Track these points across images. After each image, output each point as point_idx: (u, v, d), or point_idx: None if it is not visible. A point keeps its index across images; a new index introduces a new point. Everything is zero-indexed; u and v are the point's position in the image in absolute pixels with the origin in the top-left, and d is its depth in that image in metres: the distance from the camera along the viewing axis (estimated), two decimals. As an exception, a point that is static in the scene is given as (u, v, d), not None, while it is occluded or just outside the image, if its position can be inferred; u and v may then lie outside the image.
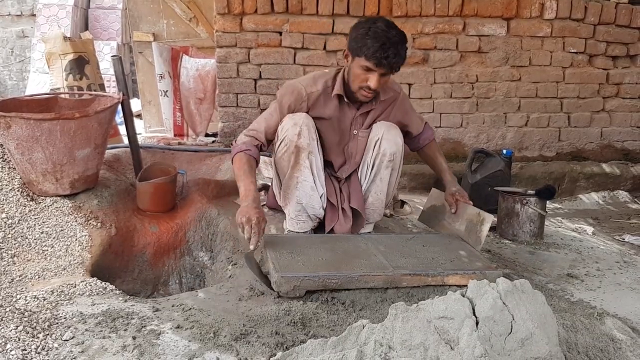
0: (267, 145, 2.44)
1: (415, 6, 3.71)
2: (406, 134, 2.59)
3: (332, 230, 2.44)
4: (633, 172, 3.95)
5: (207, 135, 4.44)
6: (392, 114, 2.52)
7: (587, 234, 2.95)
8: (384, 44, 2.13)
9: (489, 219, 2.31)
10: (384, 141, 2.40)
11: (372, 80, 2.22)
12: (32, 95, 2.85)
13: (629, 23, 3.91)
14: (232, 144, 2.43)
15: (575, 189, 3.88)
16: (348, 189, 2.52)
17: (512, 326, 1.30)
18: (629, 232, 2.98)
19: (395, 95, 2.51)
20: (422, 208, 3.22)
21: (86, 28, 7.06)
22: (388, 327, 1.36)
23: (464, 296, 1.37)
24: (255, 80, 3.78)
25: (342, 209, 2.47)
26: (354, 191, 2.50)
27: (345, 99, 2.39)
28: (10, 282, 2.03)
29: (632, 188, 3.89)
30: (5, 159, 2.64)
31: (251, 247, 2.06)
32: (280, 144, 2.36)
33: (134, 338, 1.63)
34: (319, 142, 2.41)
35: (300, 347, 1.36)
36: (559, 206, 3.55)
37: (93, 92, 3.28)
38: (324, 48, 3.74)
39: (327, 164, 2.52)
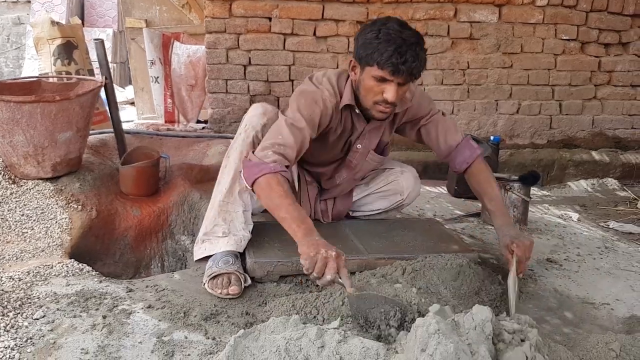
0: (292, 165, 1.99)
1: (406, -8, 3.69)
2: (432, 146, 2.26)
3: None
4: (622, 159, 3.94)
5: (198, 121, 4.44)
6: (397, 123, 2.23)
7: (572, 220, 2.94)
8: (399, 47, 1.78)
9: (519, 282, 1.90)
10: (407, 199, 2.41)
11: (389, 92, 1.86)
12: (15, 79, 2.85)
13: (622, 10, 3.89)
14: (246, 159, 1.94)
15: (564, 176, 3.87)
16: (331, 212, 2.38)
17: None
18: (614, 219, 2.97)
19: (411, 103, 2.16)
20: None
21: (82, 15, 7.04)
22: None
23: None
24: (244, 66, 3.77)
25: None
26: (338, 217, 2.41)
27: (357, 110, 2.07)
28: (-13, 263, 2.04)
29: (621, 176, 3.88)
30: (-12, 142, 2.65)
31: (350, 289, 1.58)
32: (237, 133, 2.11)
33: (104, 317, 1.64)
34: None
35: (262, 324, 1.36)
36: (547, 193, 3.54)
37: (76, 77, 3.28)
38: (314, 34, 3.72)
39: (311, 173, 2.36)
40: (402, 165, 2.47)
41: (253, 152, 1.92)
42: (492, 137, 3.44)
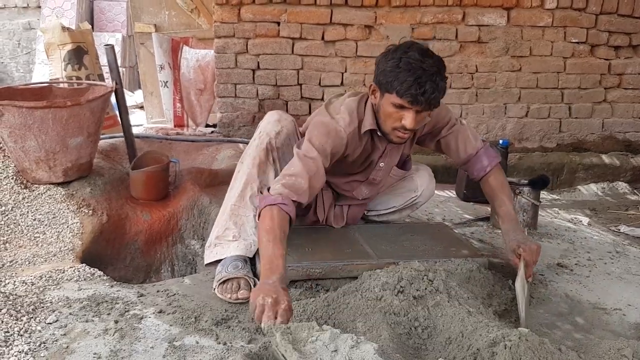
0: (310, 196, 1.92)
1: (415, -5, 3.69)
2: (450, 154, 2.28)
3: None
4: (633, 163, 3.92)
5: (207, 125, 4.45)
6: (419, 132, 2.21)
7: (583, 224, 2.93)
8: (419, 77, 1.79)
9: (526, 290, 1.87)
10: (421, 197, 2.43)
11: (408, 120, 1.87)
12: (26, 84, 2.87)
13: (632, 12, 3.87)
14: (260, 193, 1.96)
15: (574, 180, 3.85)
16: (346, 217, 2.38)
17: None
18: (625, 223, 2.96)
19: (430, 118, 2.13)
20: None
21: (91, 20, 7.09)
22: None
23: None
24: (253, 70, 3.79)
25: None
26: (352, 222, 2.41)
27: (379, 133, 2.06)
28: (0, 268, 2.06)
29: (632, 179, 3.86)
30: (0, 147, 2.67)
31: (280, 339, 1.33)
32: (252, 140, 2.13)
33: (116, 322, 1.65)
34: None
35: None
36: (556, 197, 3.53)
37: (87, 82, 3.30)
38: (322, 38, 3.73)
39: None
40: (417, 163, 2.49)
41: (269, 190, 1.89)
42: (500, 141, 3.43)
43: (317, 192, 2.00)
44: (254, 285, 1.89)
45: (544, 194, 3.32)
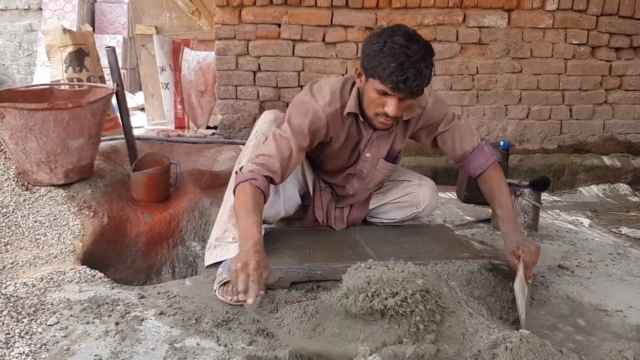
0: (281, 179, 1.95)
1: (415, -3, 3.69)
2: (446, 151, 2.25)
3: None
4: (634, 164, 3.91)
5: (208, 127, 4.46)
6: (411, 131, 2.19)
7: (584, 226, 2.93)
8: (401, 63, 1.75)
9: (526, 292, 1.86)
10: (424, 212, 2.40)
11: (390, 106, 1.84)
12: (28, 86, 2.89)
13: (633, 14, 3.86)
14: (236, 173, 1.98)
15: (575, 181, 3.85)
16: (346, 219, 2.37)
17: None
18: (626, 225, 2.95)
19: (420, 110, 2.11)
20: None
21: (92, 22, 7.10)
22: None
23: None
24: (254, 72, 3.79)
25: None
26: (356, 216, 2.40)
27: (362, 119, 2.04)
28: (1, 270, 2.06)
29: (633, 181, 3.85)
30: (1, 149, 2.68)
31: (249, 300, 1.53)
32: (248, 140, 2.12)
33: (117, 324, 1.65)
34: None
35: None
36: (557, 199, 3.53)
37: (88, 84, 3.31)
38: (323, 40, 3.73)
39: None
40: (421, 177, 2.45)
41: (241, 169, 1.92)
42: (501, 142, 3.42)
43: (292, 171, 2.00)
44: None
45: (544, 196, 3.31)
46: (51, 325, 1.64)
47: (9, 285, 1.90)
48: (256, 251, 1.63)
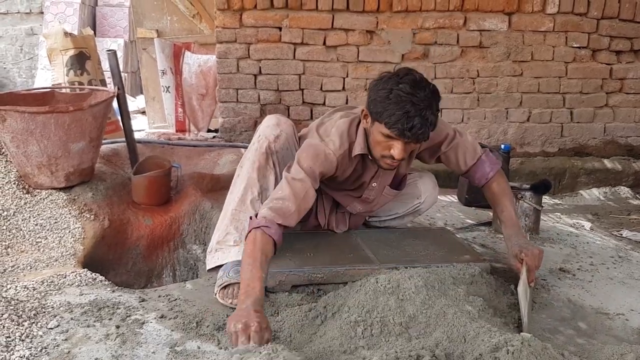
0: (298, 216, 1.94)
1: (416, 1, 3.70)
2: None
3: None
4: (635, 167, 3.91)
5: (209, 130, 4.46)
6: (415, 152, 2.18)
7: (585, 229, 2.92)
8: (407, 112, 1.78)
9: (528, 294, 1.86)
10: (424, 204, 2.43)
11: (396, 150, 1.87)
12: (29, 90, 2.89)
13: (633, 17, 3.86)
14: (250, 218, 1.92)
15: (576, 184, 3.84)
16: (348, 222, 2.38)
17: None
18: (627, 228, 2.95)
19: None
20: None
21: (94, 26, 7.12)
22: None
23: None
24: (255, 75, 3.79)
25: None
26: (355, 227, 2.42)
27: (370, 157, 2.05)
28: (2, 273, 2.06)
29: (634, 184, 3.85)
30: (2, 152, 2.68)
31: None
32: (251, 144, 2.12)
33: (117, 327, 1.65)
34: (297, 149, 2.12)
35: None
36: (558, 202, 3.52)
37: (89, 87, 3.31)
38: (324, 43, 3.74)
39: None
40: (421, 170, 2.50)
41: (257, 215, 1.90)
42: (502, 146, 3.42)
43: (305, 212, 1.99)
44: None
45: (546, 199, 3.31)
46: (52, 328, 1.64)
47: (10, 288, 1.90)
48: (256, 310, 1.58)
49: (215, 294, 1.89)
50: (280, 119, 2.14)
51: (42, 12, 7.26)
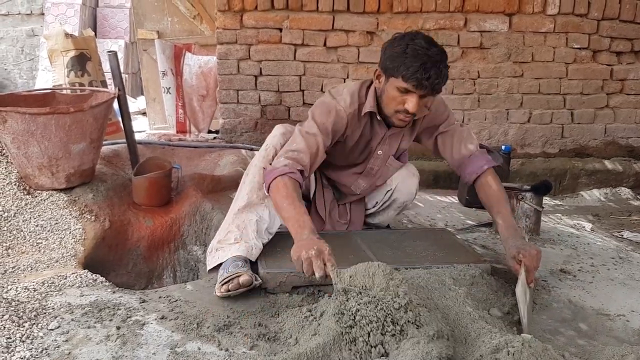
0: (309, 172, 2.07)
1: (416, 2, 3.69)
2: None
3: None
4: (636, 168, 3.90)
5: (209, 131, 4.46)
6: (416, 131, 2.30)
7: (586, 230, 2.92)
8: (424, 63, 1.88)
9: (528, 295, 1.87)
10: (397, 192, 2.41)
11: (411, 103, 1.96)
12: (30, 91, 2.89)
13: (634, 18, 3.86)
14: (264, 169, 2.05)
15: (576, 185, 3.84)
16: (349, 214, 2.43)
17: None
18: (628, 229, 2.95)
19: (428, 112, 2.21)
20: (421, 205, 3.23)
21: (94, 27, 7.12)
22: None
23: None
24: (255, 76, 3.80)
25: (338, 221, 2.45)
26: (356, 219, 2.45)
27: (378, 117, 2.16)
28: (2, 274, 2.06)
29: (635, 185, 3.84)
30: (3, 153, 2.68)
31: (339, 284, 1.62)
32: (259, 151, 2.19)
33: (118, 328, 1.65)
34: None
35: None
36: (559, 203, 3.52)
37: (90, 88, 3.31)
38: (324, 44, 3.74)
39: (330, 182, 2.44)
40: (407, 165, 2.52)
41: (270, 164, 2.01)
42: (503, 147, 3.43)
43: (317, 167, 2.11)
44: (255, 280, 1.90)
45: (546, 200, 3.31)
46: (52, 329, 1.64)
47: (10, 289, 1.90)
48: (319, 239, 1.73)
49: (216, 293, 1.89)
50: (287, 128, 2.20)
51: (42, 14, 7.27)
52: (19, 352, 1.50)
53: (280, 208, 1.90)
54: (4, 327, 1.60)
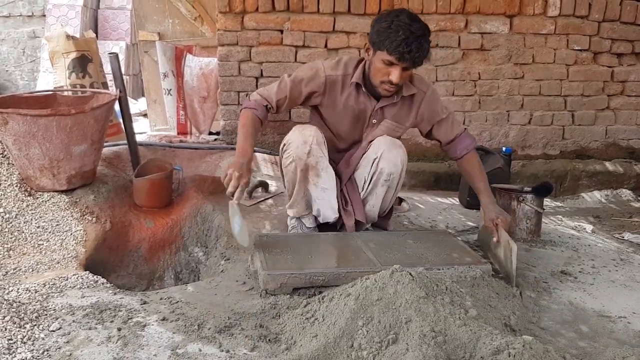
0: (275, 110, 2.39)
1: (417, 4, 3.69)
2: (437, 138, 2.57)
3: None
4: (637, 170, 3.90)
5: (210, 133, 4.46)
6: (415, 112, 2.47)
7: (586, 232, 2.92)
8: (407, 37, 2.10)
9: (515, 249, 2.10)
10: (382, 160, 2.35)
11: (394, 75, 2.19)
12: (31, 92, 2.89)
13: (635, 20, 3.87)
14: (245, 100, 2.42)
15: (577, 187, 3.84)
16: (349, 196, 2.48)
17: None
18: (629, 231, 2.94)
19: (422, 94, 2.44)
20: (422, 206, 3.23)
21: (95, 28, 7.13)
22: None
23: None
24: (256, 78, 3.79)
25: (344, 209, 2.48)
26: (356, 202, 2.47)
27: (364, 89, 2.36)
28: (4, 275, 2.07)
29: (636, 186, 3.84)
30: (4, 155, 2.68)
31: (235, 201, 2.10)
32: (286, 155, 2.37)
33: (119, 329, 1.65)
34: (326, 147, 2.39)
35: None
36: (560, 204, 3.52)
37: (91, 90, 3.32)
38: (325, 46, 3.74)
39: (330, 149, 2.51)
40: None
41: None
42: (504, 148, 3.43)
43: (285, 109, 2.48)
44: None
45: (547, 201, 3.31)
46: (53, 331, 1.64)
47: (12, 290, 1.90)
48: (249, 169, 2.15)
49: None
50: (304, 132, 2.33)
51: (44, 15, 7.27)
52: (20, 353, 1.50)
53: (238, 133, 2.29)
54: (6, 329, 1.61)
